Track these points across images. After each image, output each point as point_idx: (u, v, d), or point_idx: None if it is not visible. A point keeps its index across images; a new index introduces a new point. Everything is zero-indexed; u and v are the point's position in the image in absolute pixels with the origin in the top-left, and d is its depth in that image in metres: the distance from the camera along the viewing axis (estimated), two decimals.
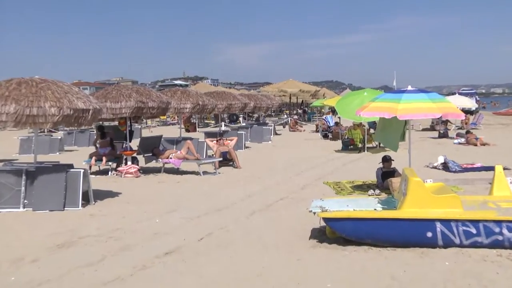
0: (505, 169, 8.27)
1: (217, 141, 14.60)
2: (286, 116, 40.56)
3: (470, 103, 28.40)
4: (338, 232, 6.27)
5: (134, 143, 13.77)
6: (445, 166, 12.63)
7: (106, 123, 14.42)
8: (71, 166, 9.15)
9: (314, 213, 6.34)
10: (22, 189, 8.52)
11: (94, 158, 12.63)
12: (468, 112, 27.09)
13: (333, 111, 30.44)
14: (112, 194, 9.95)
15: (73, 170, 8.88)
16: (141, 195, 9.93)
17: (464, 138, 19.50)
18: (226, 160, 13.92)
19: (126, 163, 12.68)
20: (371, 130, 19.61)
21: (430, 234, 5.91)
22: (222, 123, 24.84)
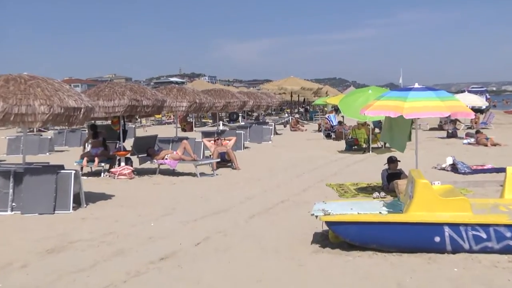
0: None
1: (214, 141, 14.62)
2: (287, 115, 40.63)
3: (480, 101, 28.47)
4: (341, 236, 6.27)
5: (128, 143, 13.78)
6: (453, 168, 12.64)
7: (98, 122, 14.43)
8: (62, 167, 9.14)
9: (316, 216, 6.35)
10: (10, 191, 8.53)
11: (85, 159, 12.63)
12: (478, 110, 27.14)
13: (336, 110, 30.49)
14: (104, 196, 9.95)
15: (63, 171, 8.88)
16: (135, 198, 9.93)
17: (473, 138, 19.52)
18: (224, 161, 13.93)
19: (119, 164, 12.68)
20: (376, 130, 19.63)
21: (438, 239, 5.91)
22: (220, 122, 24.88)
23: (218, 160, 13.48)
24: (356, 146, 18.39)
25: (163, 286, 5.25)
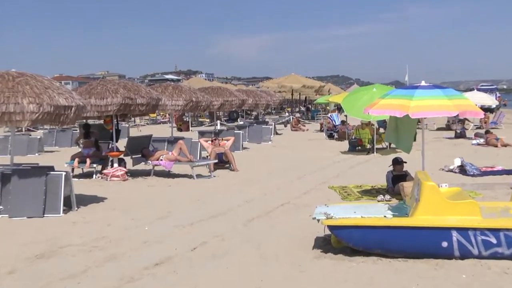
0: None
1: (212, 141, 14.62)
2: (287, 114, 40.67)
3: (490, 100, 28.54)
4: (344, 241, 6.28)
5: (121, 143, 13.78)
6: (462, 169, 12.65)
7: (90, 122, 14.42)
8: (52, 169, 9.14)
9: (318, 220, 6.35)
10: None
11: (77, 159, 12.62)
12: (487, 110, 27.20)
13: (339, 109, 30.50)
14: (96, 199, 9.95)
15: (53, 173, 8.88)
16: (128, 200, 9.93)
17: (483, 138, 19.53)
18: (222, 162, 13.93)
19: (112, 165, 12.68)
20: (381, 130, 19.64)
21: (445, 244, 5.91)
22: (218, 122, 24.89)
23: (216, 161, 13.49)
24: (359, 147, 18.40)
25: None
